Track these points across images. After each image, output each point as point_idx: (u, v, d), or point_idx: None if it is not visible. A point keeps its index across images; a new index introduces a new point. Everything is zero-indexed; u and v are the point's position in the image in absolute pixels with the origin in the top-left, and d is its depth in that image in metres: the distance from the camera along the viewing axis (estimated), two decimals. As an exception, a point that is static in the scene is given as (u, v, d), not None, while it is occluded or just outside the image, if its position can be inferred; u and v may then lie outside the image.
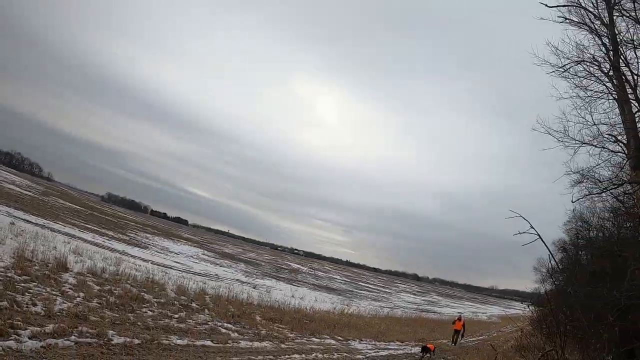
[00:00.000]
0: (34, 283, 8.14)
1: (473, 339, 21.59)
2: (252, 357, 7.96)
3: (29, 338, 5.47)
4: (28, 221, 20.57)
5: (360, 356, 10.85)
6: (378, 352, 12.16)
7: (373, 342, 13.75)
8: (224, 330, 9.65)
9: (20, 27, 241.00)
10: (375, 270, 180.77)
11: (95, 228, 33.27)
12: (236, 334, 9.67)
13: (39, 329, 5.83)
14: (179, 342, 7.53)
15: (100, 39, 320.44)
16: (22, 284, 7.79)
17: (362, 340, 13.52)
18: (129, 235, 38.74)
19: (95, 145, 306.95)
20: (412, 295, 65.37)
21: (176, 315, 9.52)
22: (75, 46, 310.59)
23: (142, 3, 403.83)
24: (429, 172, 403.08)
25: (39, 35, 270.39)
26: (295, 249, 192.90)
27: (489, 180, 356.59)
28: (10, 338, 5.27)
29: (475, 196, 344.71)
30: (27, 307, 6.66)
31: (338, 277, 69.63)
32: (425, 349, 11.73)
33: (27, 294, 7.30)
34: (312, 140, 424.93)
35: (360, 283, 67.65)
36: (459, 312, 30.63)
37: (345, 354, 10.68)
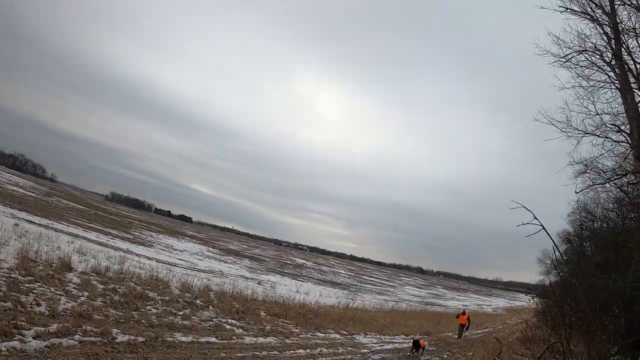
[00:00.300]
0: (38, 283, 8.19)
1: (478, 331, 21.62)
2: (257, 353, 7.99)
3: (33, 338, 5.50)
4: (32, 222, 20.69)
5: (365, 350, 10.87)
6: (383, 345, 12.18)
7: (378, 336, 13.78)
8: (228, 327, 9.69)
9: (20, 27, 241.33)
10: (379, 264, 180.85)
11: (99, 227, 33.46)
12: (241, 330, 9.70)
13: (43, 328, 5.86)
14: (183, 339, 7.56)
15: (100, 39, 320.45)
16: (26, 285, 7.83)
17: (367, 335, 13.55)
18: (133, 234, 38.94)
19: (97, 145, 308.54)
20: (416, 289, 65.49)
21: (180, 313, 9.56)
22: (75, 46, 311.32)
23: (142, 3, 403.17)
24: (430, 169, 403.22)
25: (39, 35, 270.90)
26: (300, 245, 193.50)
27: (491, 176, 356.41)
28: (15, 338, 5.31)
29: (477, 191, 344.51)
30: (31, 307, 6.70)
31: (342, 271, 69.78)
32: (416, 345, 11.20)
33: (31, 294, 7.34)
34: (313, 138, 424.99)
35: (365, 277, 67.75)
36: (464, 306, 30.68)
37: (350, 348, 10.71)
